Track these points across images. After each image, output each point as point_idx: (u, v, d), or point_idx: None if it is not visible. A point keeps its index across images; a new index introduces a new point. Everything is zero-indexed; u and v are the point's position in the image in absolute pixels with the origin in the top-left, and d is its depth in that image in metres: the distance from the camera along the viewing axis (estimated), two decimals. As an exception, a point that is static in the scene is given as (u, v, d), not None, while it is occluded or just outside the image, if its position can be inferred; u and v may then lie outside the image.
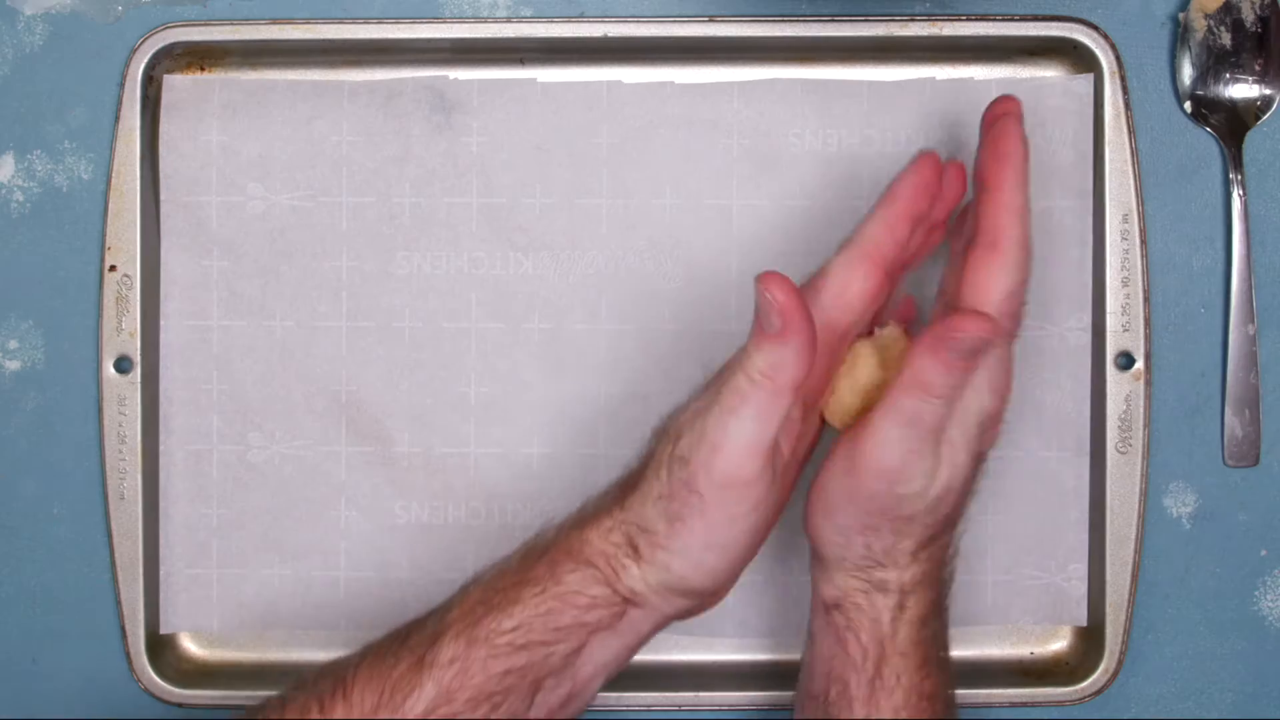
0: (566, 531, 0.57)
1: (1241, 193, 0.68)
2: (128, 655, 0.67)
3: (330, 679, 0.55)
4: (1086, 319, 0.67)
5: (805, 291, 0.56)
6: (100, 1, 0.68)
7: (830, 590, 0.58)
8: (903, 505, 0.55)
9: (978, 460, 0.57)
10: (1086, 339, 0.67)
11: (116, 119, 0.67)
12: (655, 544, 0.55)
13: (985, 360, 0.55)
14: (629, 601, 0.55)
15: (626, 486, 0.57)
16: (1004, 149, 0.57)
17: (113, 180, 0.67)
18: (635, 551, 0.55)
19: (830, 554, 0.57)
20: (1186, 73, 0.68)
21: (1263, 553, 0.69)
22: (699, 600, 0.57)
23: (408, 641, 0.56)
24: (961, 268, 0.57)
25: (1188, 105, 0.68)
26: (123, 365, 0.67)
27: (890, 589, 0.57)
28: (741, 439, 0.53)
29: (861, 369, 0.57)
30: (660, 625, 0.57)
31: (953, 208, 0.61)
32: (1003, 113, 0.58)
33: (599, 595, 0.55)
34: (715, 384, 0.55)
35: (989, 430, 0.57)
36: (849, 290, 0.57)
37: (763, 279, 0.53)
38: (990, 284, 0.55)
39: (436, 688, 0.54)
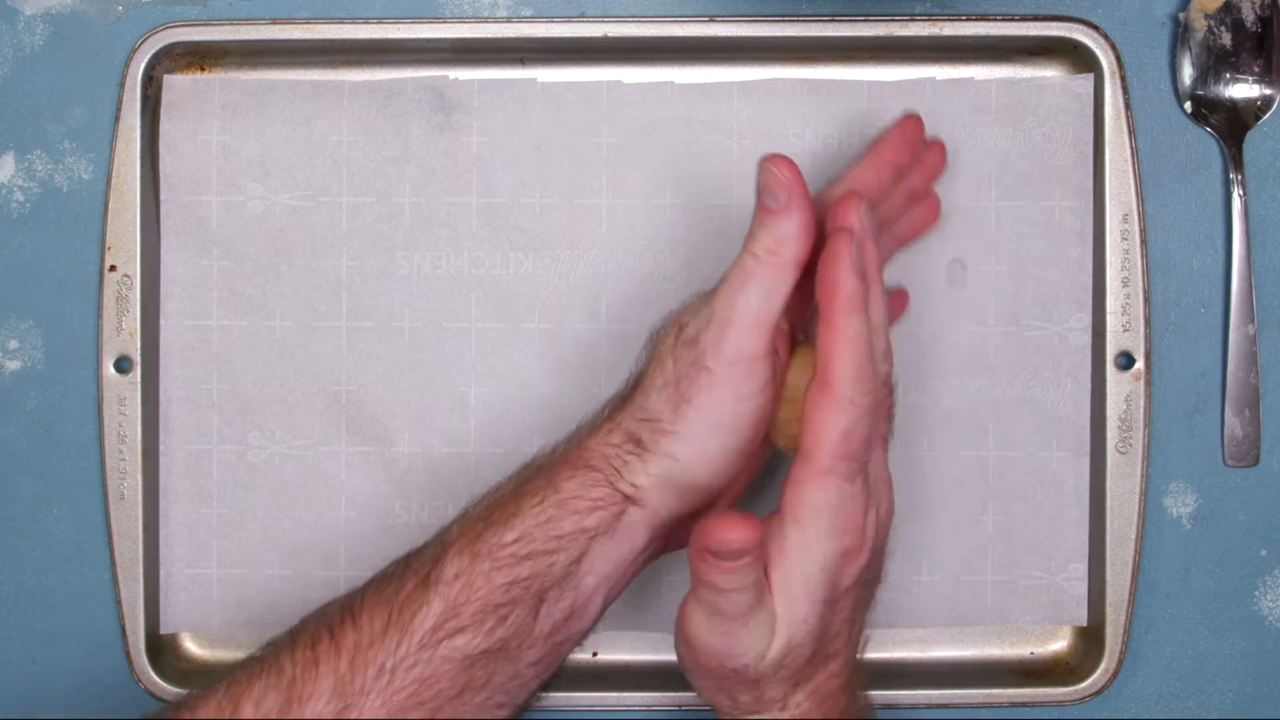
0: (563, 447, 0.58)
1: (1241, 193, 0.68)
2: (128, 655, 0.67)
3: (338, 606, 0.56)
4: (1086, 319, 0.67)
5: None
6: (100, 1, 0.68)
7: None
8: (743, 673, 0.54)
9: (837, 600, 0.54)
10: (1086, 339, 0.67)
11: (116, 119, 0.67)
12: (660, 431, 0.55)
13: (812, 509, 0.53)
14: (629, 500, 0.56)
15: (625, 395, 0.57)
16: (829, 281, 0.53)
17: (113, 180, 0.67)
18: (638, 445, 0.56)
19: (710, 702, 0.57)
20: (1186, 73, 0.68)
21: (1263, 553, 0.69)
22: (692, 503, 0.57)
23: (411, 565, 0.56)
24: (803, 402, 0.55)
25: (1188, 105, 0.68)
26: (123, 365, 0.67)
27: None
28: (750, 313, 0.54)
29: (792, 376, 0.57)
30: (655, 538, 0.57)
31: (933, 178, 0.64)
32: (833, 249, 0.53)
33: (599, 497, 0.55)
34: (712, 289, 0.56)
35: (847, 568, 0.54)
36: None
37: (769, 158, 0.55)
38: (823, 425, 0.52)
39: (444, 603, 0.54)
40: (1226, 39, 0.67)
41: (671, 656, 0.68)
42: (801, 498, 0.53)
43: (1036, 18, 0.67)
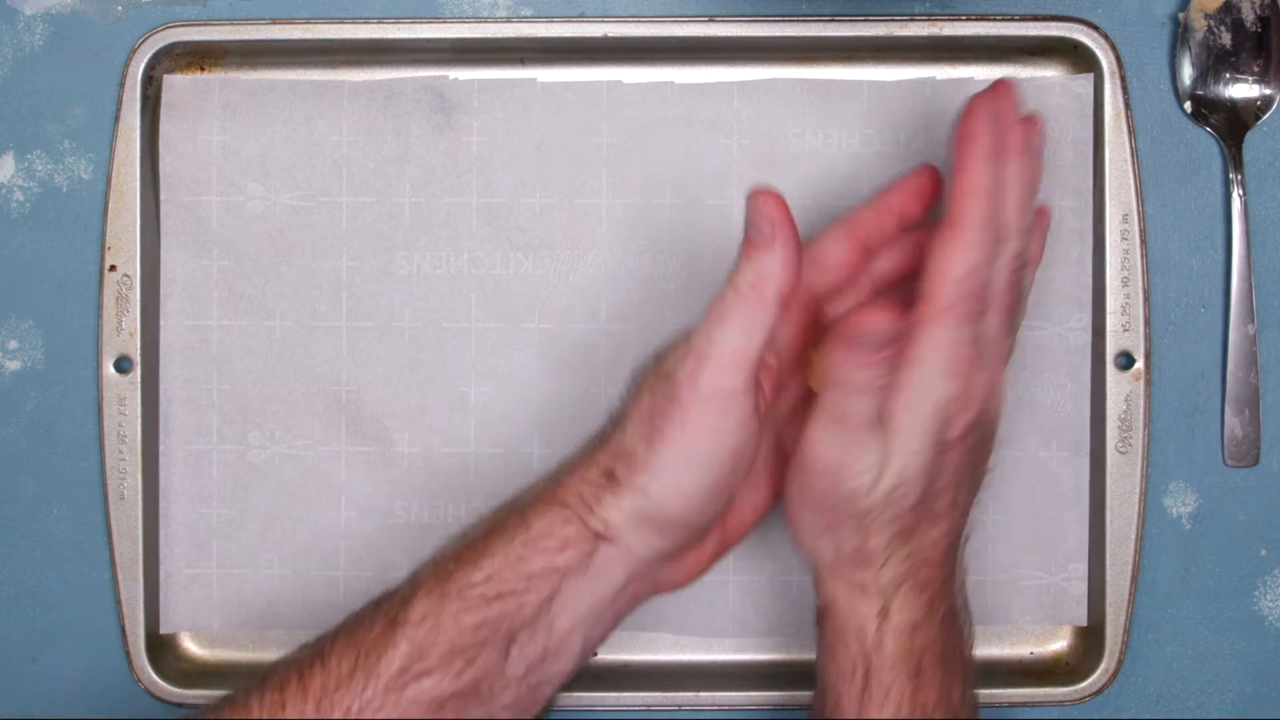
0: (541, 485, 0.57)
1: (1241, 193, 0.68)
2: (128, 655, 0.67)
3: (309, 649, 0.56)
4: (1086, 319, 0.67)
5: None
6: (100, 1, 0.68)
7: (820, 596, 0.58)
8: (855, 500, 0.55)
9: (946, 448, 0.55)
10: (1086, 339, 0.67)
11: (116, 119, 0.67)
12: (634, 466, 0.55)
13: (930, 344, 0.53)
14: (600, 537, 0.55)
15: (606, 432, 0.57)
16: (968, 131, 0.55)
17: (113, 180, 0.67)
18: (612, 479, 0.55)
19: (809, 557, 0.57)
20: (1186, 73, 0.68)
21: (1263, 553, 0.69)
22: (672, 540, 0.56)
23: (381, 606, 0.56)
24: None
25: (1188, 105, 0.68)
26: (123, 365, 0.67)
27: (870, 591, 0.56)
28: (728, 348, 0.54)
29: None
30: (635, 578, 0.57)
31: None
32: (977, 99, 0.56)
33: (570, 534, 0.55)
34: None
35: (956, 416, 0.55)
36: (827, 255, 0.60)
37: (756, 191, 0.54)
38: (947, 262, 0.54)
39: (410, 645, 0.54)
40: (1226, 39, 0.67)
41: (672, 656, 0.69)
42: (920, 335, 0.53)
43: (1036, 18, 0.67)
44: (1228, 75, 0.67)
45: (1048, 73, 0.68)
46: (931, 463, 0.55)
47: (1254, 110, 0.68)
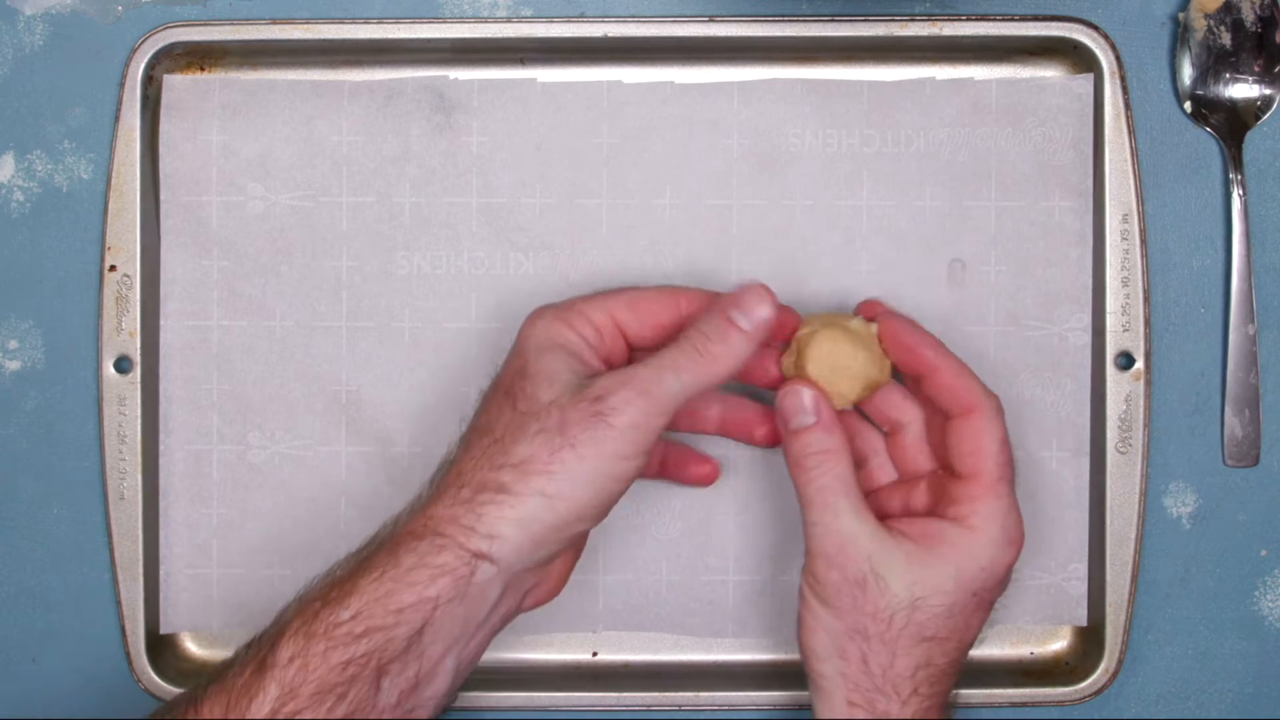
0: (405, 518, 0.58)
1: (1241, 193, 0.68)
2: (128, 655, 0.67)
3: (185, 698, 0.56)
4: (1086, 319, 0.67)
5: None
6: (100, 1, 0.68)
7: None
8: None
9: (980, 597, 0.59)
10: (1086, 339, 0.67)
11: (116, 119, 0.67)
12: (531, 471, 0.55)
13: (988, 516, 0.58)
14: (481, 556, 0.55)
15: (456, 458, 0.58)
16: (913, 338, 0.60)
17: (113, 180, 0.67)
18: (500, 490, 0.56)
19: (840, 664, 0.59)
20: (1186, 73, 0.68)
21: (1263, 553, 0.69)
22: (549, 549, 0.57)
23: (250, 649, 0.56)
24: (947, 440, 0.60)
25: (1188, 105, 0.68)
26: (123, 365, 0.67)
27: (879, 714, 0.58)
28: (668, 395, 0.56)
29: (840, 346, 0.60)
30: (511, 590, 0.57)
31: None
32: (891, 322, 0.61)
33: (444, 562, 0.55)
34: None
35: (1004, 574, 0.59)
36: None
37: (757, 286, 0.58)
38: (983, 437, 0.58)
39: (279, 687, 0.54)
40: (1226, 39, 0.67)
41: (672, 656, 0.69)
42: (976, 509, 0.58)
43: (1036, 18, 0.67)
44: (1228, 75, 0.67)
45: (1048, 73, 0.68)
46: (975, 611, 0.59)
47: (1254, 110, 0.68)
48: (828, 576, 0.58)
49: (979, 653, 0.69)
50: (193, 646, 0.69)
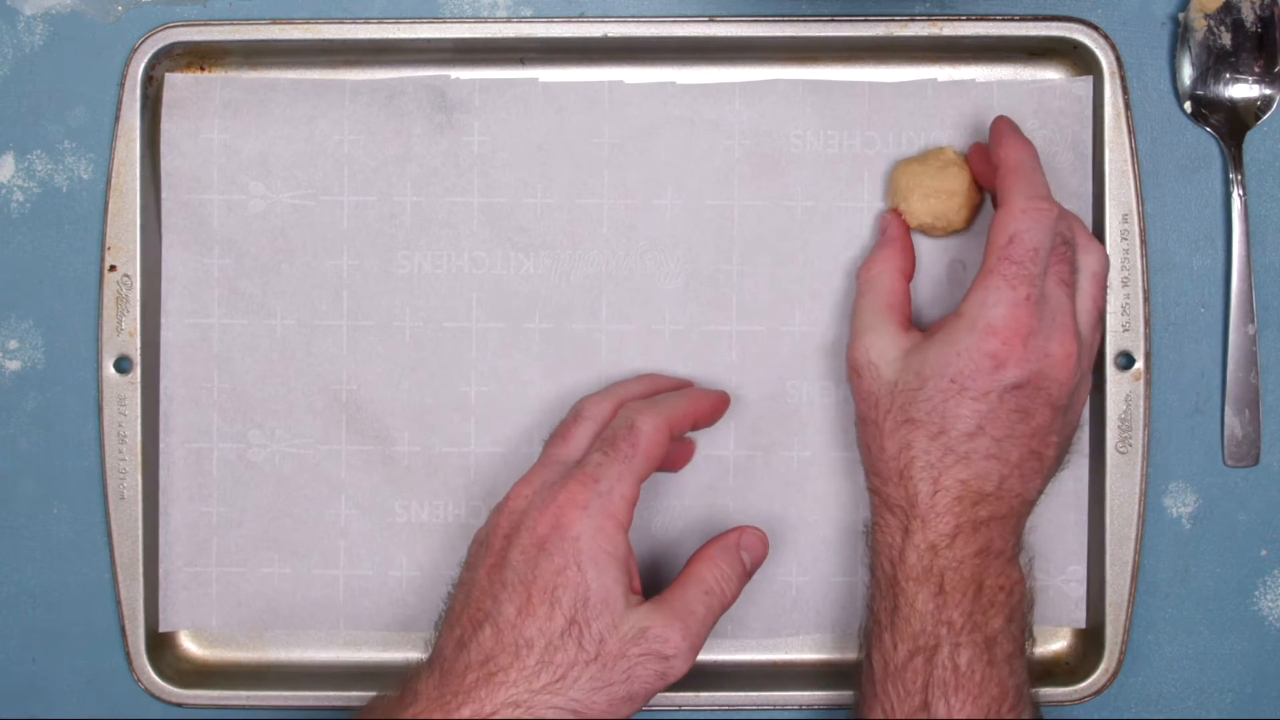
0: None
1: (1241, 193, 0.68)
2: (128, 655, 0.67)
3: None
4: (1086, 319, 0.67)
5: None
6: (100, 1, 0.68)
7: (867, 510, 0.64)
8: (874, 383, 0.62)
9: (976, 394, 0.60)
10: (1086, 339, 0.67)
11: (116, 119, 0.67)
12: (580, 711, 0.57)
13: (973, 301, 0.60)
14: None
15: (509, 671, 0.58)
16: (983, 151, 0.64)
17: (113, 180, 0.67)
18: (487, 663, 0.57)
19: (864, 465, 0.63)
20: (1186, 73, 0.68)
21: (1263, 553, 0.69)
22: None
23: None
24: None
25: (1188, 105, 0.68)
26: (123, 365, 0.67)
27: (894, 507, 0.60)
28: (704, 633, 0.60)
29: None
30: None
31: None
32: (997, 129, 0.64)
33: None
34: None
35: (993, 370, 0.60)
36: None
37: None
38: (992, 230, 0.61)
39: None
40: (1226, 39, 0.67)
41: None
42: (968, 295, 0.60)
43: (1036, 18, 0.67)
44: (1228, 75, 0.68)
45: (1048, 73, 0.68)
46: (952, 397, 0.59)
47: (1254, 110, 0.68)
48: (846, 367, 0.64)
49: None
50: (192, 646, 0.69)
